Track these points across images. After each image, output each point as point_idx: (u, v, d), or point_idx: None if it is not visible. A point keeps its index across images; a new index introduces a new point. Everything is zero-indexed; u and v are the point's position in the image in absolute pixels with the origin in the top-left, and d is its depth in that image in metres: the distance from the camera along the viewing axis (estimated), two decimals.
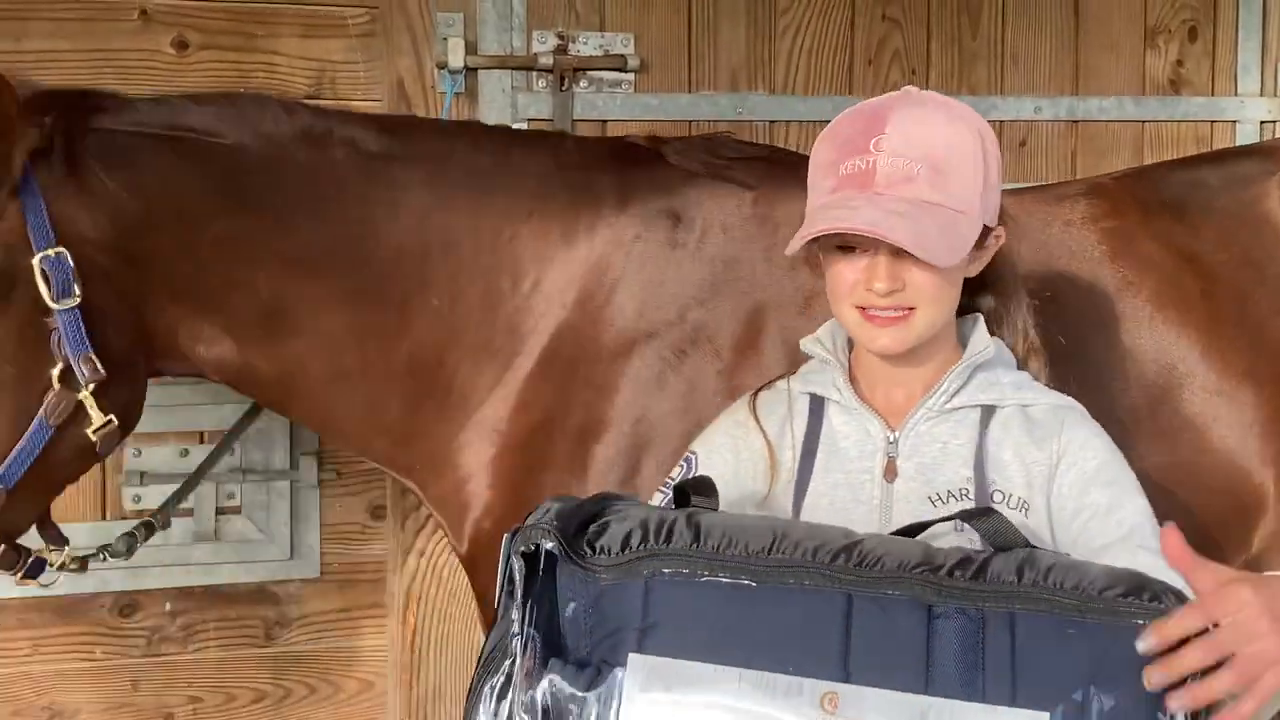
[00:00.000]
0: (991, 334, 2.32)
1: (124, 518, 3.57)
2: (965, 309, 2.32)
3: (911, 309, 2.17)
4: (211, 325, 2.53)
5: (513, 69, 3.76)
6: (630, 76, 3.85)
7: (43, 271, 2.30)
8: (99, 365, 2.36)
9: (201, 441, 3.60)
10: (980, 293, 2.35)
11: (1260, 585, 1.77)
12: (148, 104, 2.50)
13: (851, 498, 2.24)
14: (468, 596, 3.76)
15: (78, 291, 2.32)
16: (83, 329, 2.34)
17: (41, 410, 2.34)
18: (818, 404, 2.31)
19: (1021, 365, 2.34)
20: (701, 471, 2.31)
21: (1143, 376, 2.77)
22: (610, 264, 2.67)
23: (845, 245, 2.18)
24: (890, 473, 2.24)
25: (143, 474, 3.54)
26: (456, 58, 3.66)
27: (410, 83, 3.66)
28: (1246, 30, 4.35)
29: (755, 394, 2.39)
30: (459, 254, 2.63)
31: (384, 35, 3.66)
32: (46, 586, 2.55)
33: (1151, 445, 2.72)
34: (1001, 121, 4.13)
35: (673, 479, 2.33)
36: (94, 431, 2.41)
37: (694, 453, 2.36)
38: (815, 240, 2.18)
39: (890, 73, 4.07)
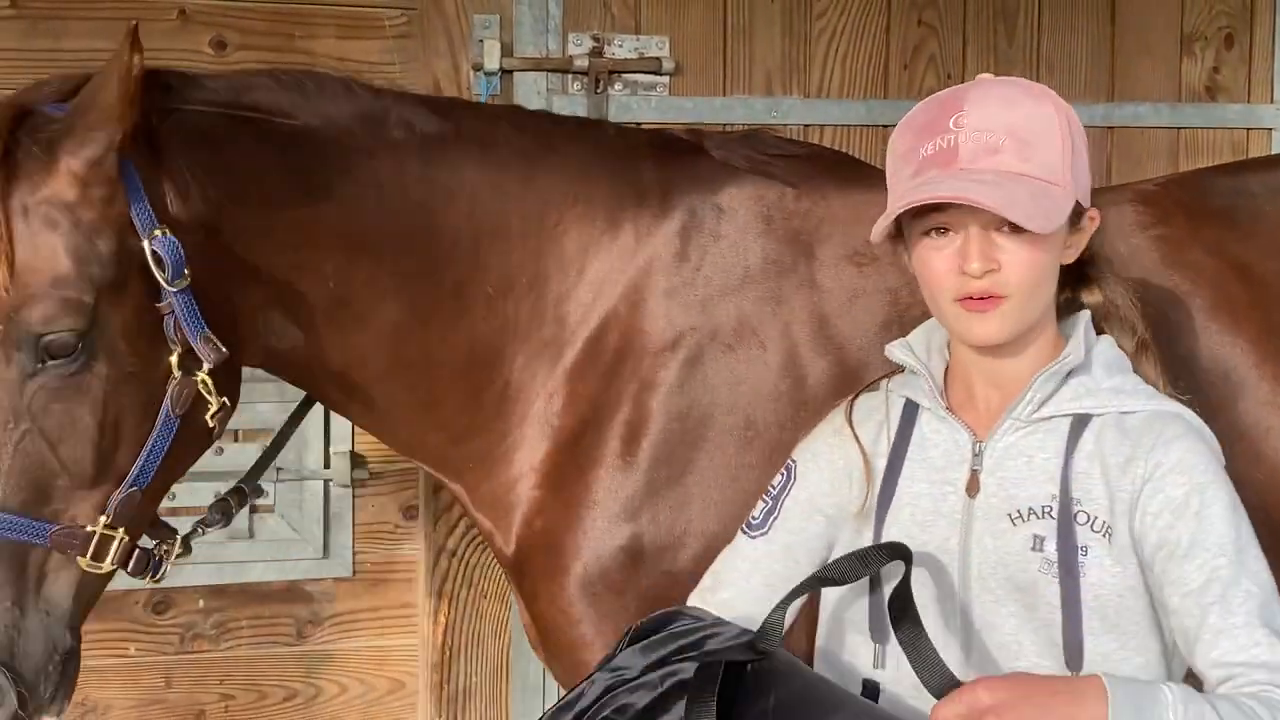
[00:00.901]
0: (1100, 332, 2.24)
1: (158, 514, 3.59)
2: (1069, 307, 2.26)
3: (1004, 297, 2.09)
4: (282, 314, 2.47)
5: (548, 71, 3.77)
6: (665, 79, 3.86)
7: (154, 253, 2.21)
8: (219, 343, 2.26)
9: (237, 440, 3.62)
10: (1085, 287, 2.28)
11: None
12: (213, 81, 2.45)
13: (933, 509, 2.20)
14: (499, 598, 3.78)
15: (187, 272, 2.23)
16: (197, 309, 2.26)
17: (166, 400, 2.26)
18: (912, 408, 2.27)
19: (1135, 365, 2.25)
20: (799, 481, 2.32)
21: (1197, 387, 2.74)
22: (656, 255, 2.65)
23: (931, 229, 2.12)
24: (973, 487, 2.18)
25: None
26: (492, 59, 3.68)
27: (446, 84, 3.68)
28: None
29: (854, 398, 2.36)
30: (508, 239, 2.59)
31: (420, 37, 3.68)
32: (159, 581, 2.44)
33: None
34: None
35: (774, 487, 2.34)
36: (211, 416, 2.32)
37: (794, 461, 2.35)
38: (900, 235, 2.16)
39: (925, 77, 4.06)
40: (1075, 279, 2.26)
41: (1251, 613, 2.01)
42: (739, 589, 2.32)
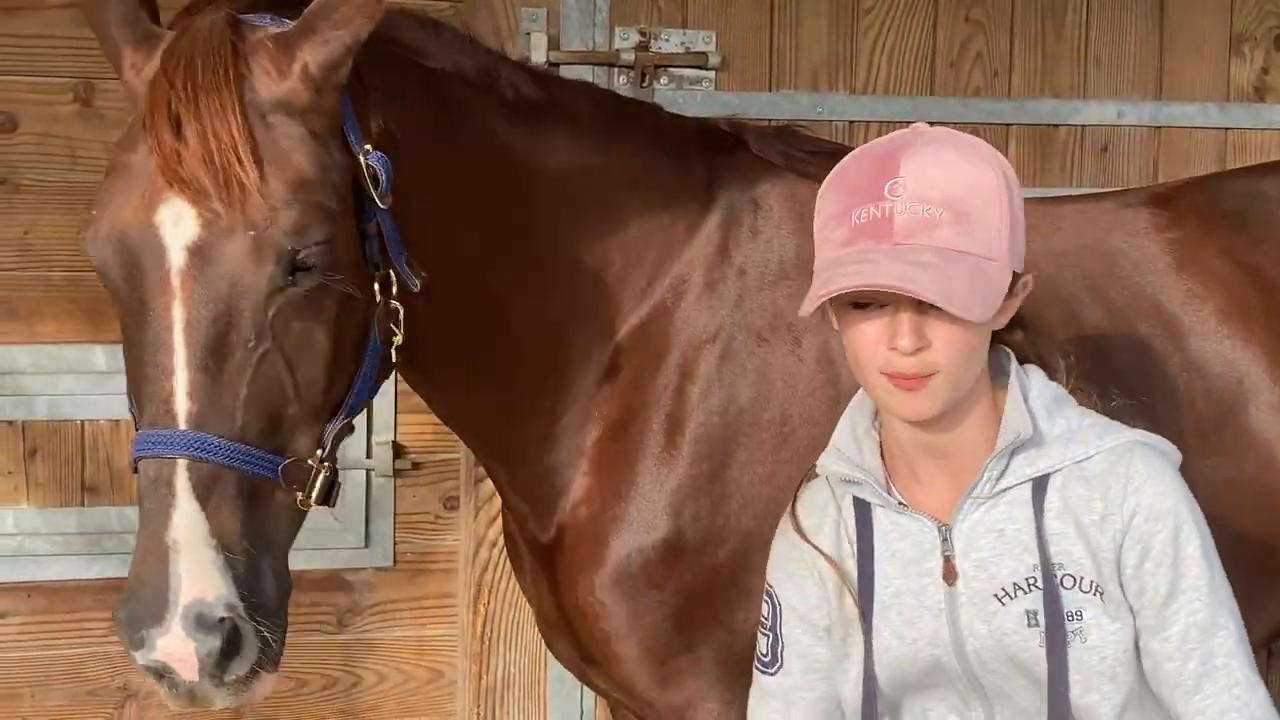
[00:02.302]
0: (1025, 360, 2.17)
1: None
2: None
3: (934, 373, 1.99)
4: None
5: (594, 65, 3.78)
6: (711, 74, 3.86)
7: (370, 168, 2.12)
8: (418, 267, 2.18)
9: None
10: (1008, 326, 2.15)
11: None
12: None
13: (917, 604, 2.12)
14: None
15: (389, 194, 2.13)
16: (399, 230, 2.17)
17: (373, 327, 2.16)
18: (864, 505, 2.17)
19: (1068, 388, 2.18)
20: (786, 609, 2.25)
21: (1210, 391, 2.75)
22: (699, 248, 2.66)
23: (861, 303, 2.01)
24: (950, 574, 2.10)
25: None
26: (539, 53, 3.68)
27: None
28: None
29: (794, 506, 2.27)
30: (583, 217, 2.57)
31: (467, 29, 3.68)
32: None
33: (1218, 460, 2.70)
34: (1084, 126, 4.11)
35: (766, 619, 2.28)
36: (397, 349, 2.22)
37: (770, 586, 2.29)
38: (831, 299, 2.02)
39: (972, 75, 4.05)
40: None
41: (1231, 652, 2.03)
42: None
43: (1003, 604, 2.06)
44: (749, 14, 3.90)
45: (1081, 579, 2.04)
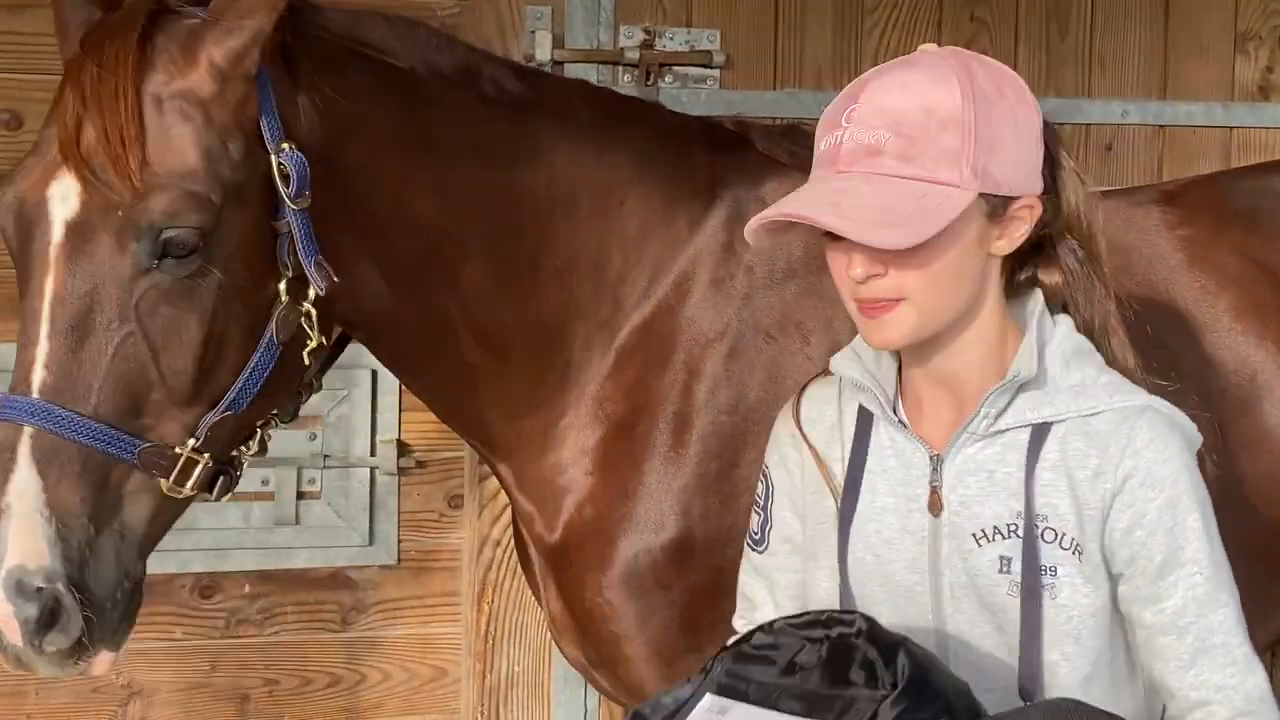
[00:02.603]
0: (1059, 312, 2.11)
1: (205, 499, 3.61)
2: (1032, 284, 2.13)
3: (900, 299, 1.97)
4: (376, 267, 2.38)
5: (599, 63, 3.78)
6: (715, 73, 3.86)
7: (280, 166, 2.14)
8: (331, 271, 2.18)
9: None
10: (1045, 265, 2.12)
11: None
12: (333, 12, 2.37)
13: (900, 527, 2.10)
14: None
15: (308, 194, 2.15)
16: (313, 233, 2.17)
17: (271, 325, 2.17)
18: (867, 415, 2.15)
19: (1100, 346, 2.12)
20: (777, 491, 2.25)
21: (1225, 388, 2.75)
22: (704, 245, 2.65)
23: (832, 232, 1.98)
24: (935, 505, 2.07)
25: None
26: (544, 51, 3.68)
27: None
28: None
29: (801, 394, 2.27)
30: (578, 214, 2.56)
31: (473, 27, 3.68)
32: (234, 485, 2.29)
33: (1234, 457, 2.69)
34: (1088, 125, 4.11)
35: (760, 498, 2.29)
36: (310, 352, 2.24)
37: (766, 467, 2.29)
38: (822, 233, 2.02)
39: None
40: (1036, 256, 2.12)
41: (1230, 630, 1.98)
42: (773, 607, 2.27)
43: (979, 545, 2.03)
44: (753, 13, 3.90)
45: (1063, 535, 2.00)
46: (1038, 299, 2.10)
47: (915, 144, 1.93)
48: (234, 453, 2.27)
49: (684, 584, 2.55)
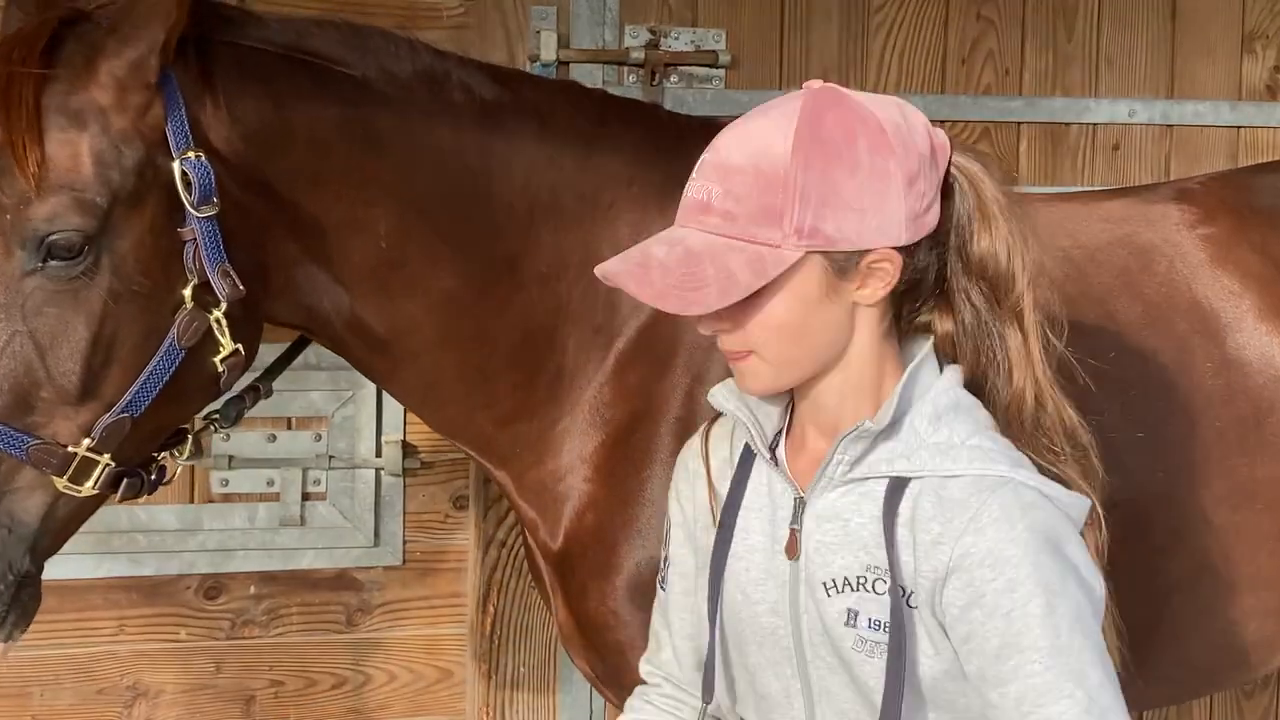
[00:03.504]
0: (955, 360, 2.03)
1: (211, 500, 3.62)
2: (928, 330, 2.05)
3: (750, 351, 1.95)
4: (327, 271, 2.41)
5: (604, 63, 3.77)
6: (721, 73, 3.85)
7: (184, 174, 2.16)
8: (237, 280, 2.21)
9: (289, 427, 3.63)
10: (940, 310, 2.04)
11: None
12: (274, 21, 2.40)
13: (764, 569, 2.05)
14: None
15: (216, 200, 2.17)
16: (221, 240, 2.19)
17: (173, 330, 2.19)
18: (748, 450, 2.11)
19: (1003, 404, 2.00)
20: (673, 523, 2.23)
21: (1249, 388, 2.73)
22: None
23: None
24: (792, 548, 2.01)
25: (230, 458, 3.57)
26: (549, 51, 3.67)
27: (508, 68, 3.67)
28: None
29: (710, 423, 2.23)
30: (563, 217, 2.55)
31: (478, 28, 3.68)
32: (167, 484, 2.39)
33: (1259, 456, 2.69)
34: (1095, 124, 4.10)
35: (666, 532, 2.27)
36: (222, 360, 2.25)
37: (669, 502, 2.27)
38: None
39: (983, 73, 4.04)
40: (935, 298, 2.03)
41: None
42: (670, 649, 2.26)
43: (828, 594, 1.97)
44: (759, 13, 3.89)
45: (910, 594, 1.91)
46: (924, 345, 2.02)
47: (740, 202, 1.88)
48: (153, 455, 2.33)
49: None
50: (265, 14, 2.41)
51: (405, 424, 3.70)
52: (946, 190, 1.98)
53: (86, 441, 2.16)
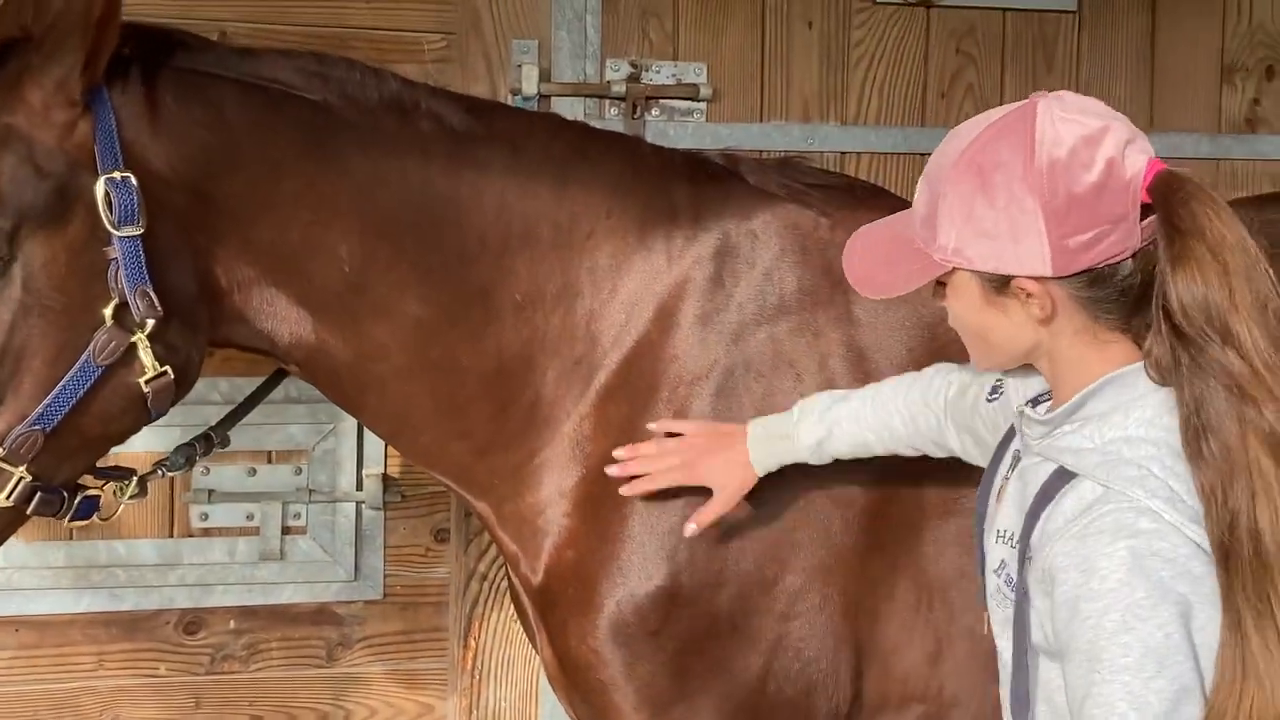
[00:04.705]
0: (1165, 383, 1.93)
1: (190, 535, 3.61)
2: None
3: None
4: (287, 294, 2.41)
5: (586, 96, 3.77)
6: (702, 106, 3.86)
7: (106, 194, 2.16)
8: (156, 302, 2.21)
9: (269, 461, 3.62)
10: (1154, 335, 1.93)
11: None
12: (234, 51, 2.42)
13: (990, 503, 2.17)
14: None
15: (142, 221, 2.18)
16: (143, 261, 2.19)
17: (90, 348, 2.19)
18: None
19: (1186, 443, 1.87)
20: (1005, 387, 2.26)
21: None
22: (688, 278, 2.59)
23: None
24: (1001, 493, 2.12)
25: (210, 492, 3.57)
26: (530, 84, 3.68)
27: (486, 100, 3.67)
28: None
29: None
30: (538, 247, 2.54)
31: (459, 61, 3.69)
32: (106, 520, 2.40)
33: None
34: None
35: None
36: (146, 381, 2.25)
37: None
38: None
39: (963, 106, 4.04)
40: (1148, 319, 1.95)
41: None
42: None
43: (995, 542, 2.09)
44: (740, 46, 3.90)
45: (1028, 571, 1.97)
46: (1134, 363, 1.97)
47: (923, 205, 2.02)
48: (80, 482, 2.35)
49: (672, 631, 2.50)
50: (228, 44, 2.45)
51: (386, 457, 3.70)
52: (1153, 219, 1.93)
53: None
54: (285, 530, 3.67)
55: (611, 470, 2.51)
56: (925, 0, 4.00)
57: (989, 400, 2.30)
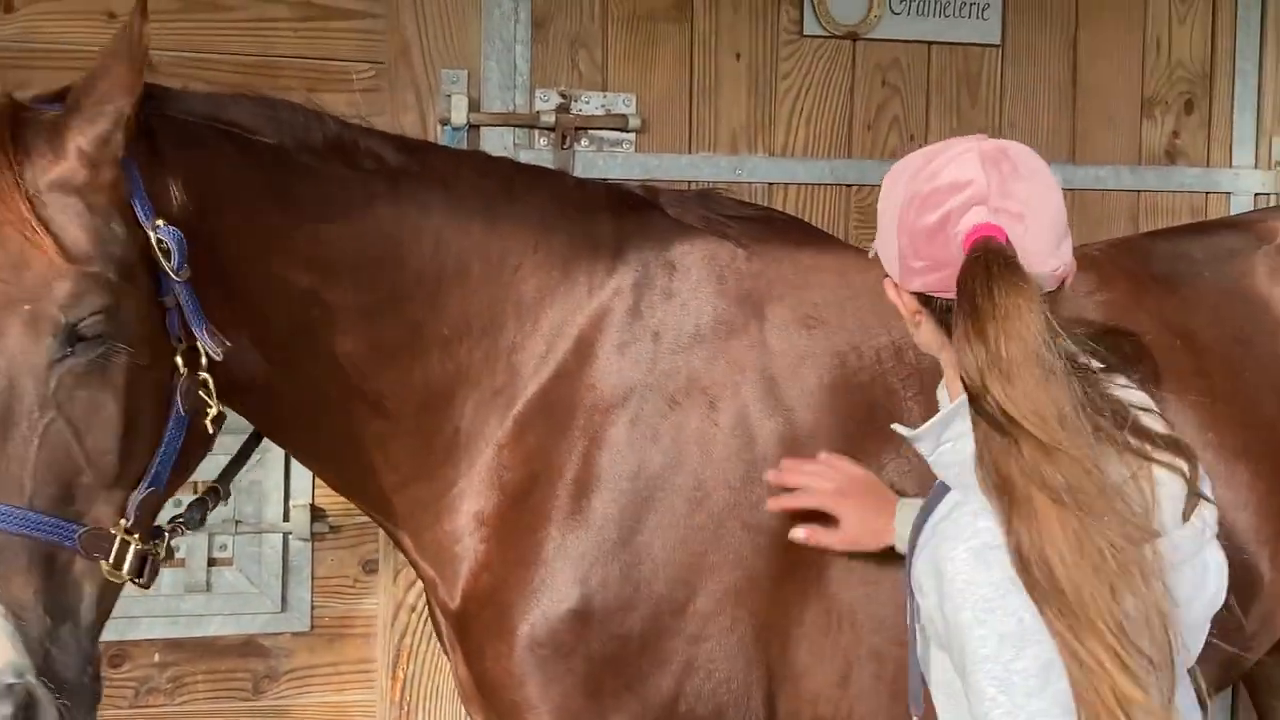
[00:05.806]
0: None
1: None
2: None
3: None
4: (250, 335, 2.39)
5: (515, 126, 3.79)
6: (631, 136, 3.88)
7: (159, 241, 2.16)
8: (224, 337, 2.22)
9: (195, 492, 3.58)
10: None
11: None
12: (193, 95, 2.42)
13: None
14: None
15: (187, 266, 2.18)
16: (199, 303, 2.21)
17: (177, 398, 2.20)
18: None
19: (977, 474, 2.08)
20: None
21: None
22: (607, 309, 2.64)
23: None
24: None
25: None
26: (460, 114, 3.69)
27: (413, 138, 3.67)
28: (1241, 104, 4.40)
29: None
30: (469, 282, 2.57)
31: (389, 91, 3.69)
32: (146, 587, 2.26)
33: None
34: None
35: None
36: (211, 421, 2.25)
37: None
38: None
39: (889, 138, 4.10)
40: None
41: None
42: None
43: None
44: (669, 77, 3.93)
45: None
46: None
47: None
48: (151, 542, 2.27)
49: (585, 652, 2.53)
50: (181, 89, 2.42)
51: (314, 488, 3.68)
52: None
53: (123, 522, 2.13)
54: (211, 562, 3.64)
55: (769, 476, 2.55)
56: (852, 33, 4.04)
57: None
